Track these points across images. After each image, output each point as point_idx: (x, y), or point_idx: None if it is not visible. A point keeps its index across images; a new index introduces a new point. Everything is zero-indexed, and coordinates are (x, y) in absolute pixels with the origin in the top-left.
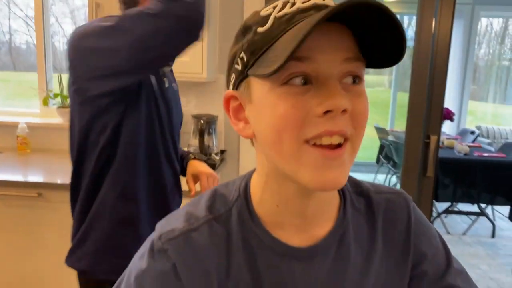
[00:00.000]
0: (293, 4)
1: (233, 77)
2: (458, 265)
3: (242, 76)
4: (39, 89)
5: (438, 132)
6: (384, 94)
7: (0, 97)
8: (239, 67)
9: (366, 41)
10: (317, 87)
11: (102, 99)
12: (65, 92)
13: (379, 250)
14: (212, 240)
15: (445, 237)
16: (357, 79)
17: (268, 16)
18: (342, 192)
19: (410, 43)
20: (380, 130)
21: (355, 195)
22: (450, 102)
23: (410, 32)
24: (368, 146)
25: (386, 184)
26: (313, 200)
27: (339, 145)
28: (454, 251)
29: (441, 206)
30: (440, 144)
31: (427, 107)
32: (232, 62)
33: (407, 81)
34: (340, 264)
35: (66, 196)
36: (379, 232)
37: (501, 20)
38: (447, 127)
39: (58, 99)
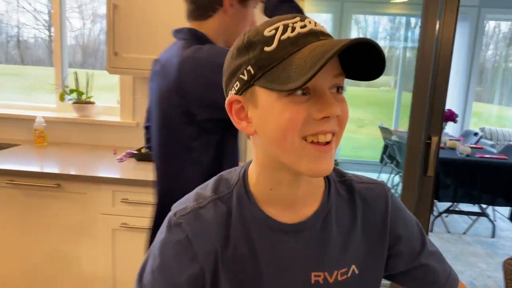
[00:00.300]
0: (293, 29)
1: (236, 84)
2: (432, 247)
3: (248, 85)
4: (55, 85)
5: (439, 133)
6: (389, 94)
7: (13, 90)
8: (245, 77)
9: (350, 62)
10: (315, 97)
11: (209, 123)
12: (80, 88)
13: (358, 231)
14: (216, 216)
15: (445, 236)
16: (340, 89)
17: (273, 37)
18: (327, 180)
19: (414, 44)
20: (384, 130)
21: (339, 183)
22: (454, 103)
23: (416, 33)
24: (372, 146)
25: (389, 183)
26: (301, 186)
27: (329, 141)
28: (454, 249)
29: (442, 206)
30: (443, 145)
31: (429, 108)
32: (236, 72)
33: (412, 82)
34: (323, 239)
35: (83, 187)
36: (359, 215)
37: (509, 22)
38: (451, 128)
39: (74, 94)
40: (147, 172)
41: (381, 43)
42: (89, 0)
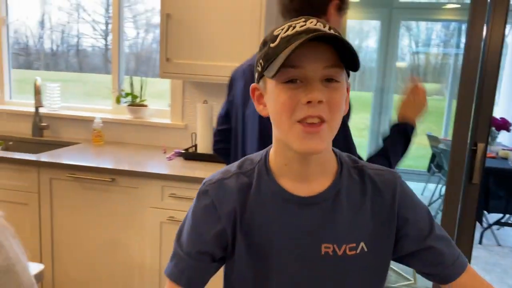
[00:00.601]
0: (294, 27)
1: (256, 74)
2: (442, 232)
3: (261, 75)
4: (112, 89)
5: (485, 140)
6: (442, 103)
7: (72, 96)
8: (259, 68)
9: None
10: (304, 85)
11: None
12: (134, 93)
13: (368, 211)
14: (237, 186)
15: (495, 248)
16: (333, 80)
17: (277, 35)
18: (341, 163)
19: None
20: (432, 138)
21: (352, 168)
22: (510, 111)
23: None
24: (419, 155)
25: (437, 193)
26: (310, 163)
27: (319, 124)
28: (504, 263)
29: (493, 217)
30: (495, 154)
31: (475, 115)
32: (256, 65)
33: None
34: (333, 214)
35: (135, 182)
36: (368, 197)
37: None
38: (505, 138)
39: (129, 98)
40: (194, 169)
41: (434, 50)
42: (143, 10)
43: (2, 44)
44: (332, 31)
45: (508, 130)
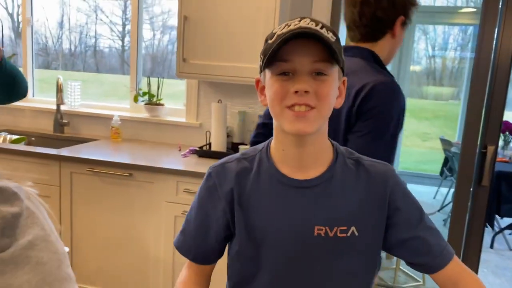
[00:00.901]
0: (289, 26)
1: (259, 68)
2: (431, 224)
3: (261, 68)
4: (130, 88)
5: (495, 142)
6: (457, 107)
7: (90, 96)
8: (260, 62)
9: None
10: (294, 77)
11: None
12: (153, 92)
13: (361, 198)
14: (238, 169)
15: (507, 253)
16: (321, 73)
17: (275, 33)
18: (336, 153)
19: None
20: (444, 142)
21: (348, 158)
22: None
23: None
24: (432, 159)
25: (449, 197)
26: (304, 148)
27: (308, 111)
28: None
29: (505, 222)
30: (508, 159)
31: (485, 118)
32: (259, 59)
33: None
34: (326, 198)
35: (151, 176)
36: (362, 185)
37: None
38: None
39: (146, 96)
40: (207, 166)
41: (451, 54)
42: (160, 12)
43: (27, 44)
44: (322, 30)
45: None
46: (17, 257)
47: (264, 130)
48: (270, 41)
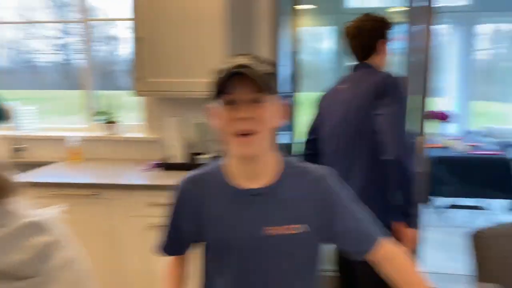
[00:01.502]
0: (232, 62)
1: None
2: (363, 215)
3: (212, 98)
4: (84, 107)
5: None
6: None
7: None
8: (212, 94)
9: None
10: (236, 106)
11: None
12: (106, 109)
13: (305, 200)
14: (198, 183)
15: (446, 229)
16: (259, 101)
17: (223, 69)
18: (285, 164)
19: None
20: None
21: (295, 167)
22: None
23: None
24: None
25: None
26: (253, 163)
27: (250, 135)
28: (453, 241)
29: (443, 202)
30: (440, 144)
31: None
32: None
33: None
34: (274, 202)
35: (118, 194)
36: (306, 189)
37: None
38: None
39: (101, 115)
40: (170, 179)
41: None
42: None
43: None
44: (258, 67)
45: (447, 121)
46: (48, 277)
47: (311, 145)
48: (219, 76)
